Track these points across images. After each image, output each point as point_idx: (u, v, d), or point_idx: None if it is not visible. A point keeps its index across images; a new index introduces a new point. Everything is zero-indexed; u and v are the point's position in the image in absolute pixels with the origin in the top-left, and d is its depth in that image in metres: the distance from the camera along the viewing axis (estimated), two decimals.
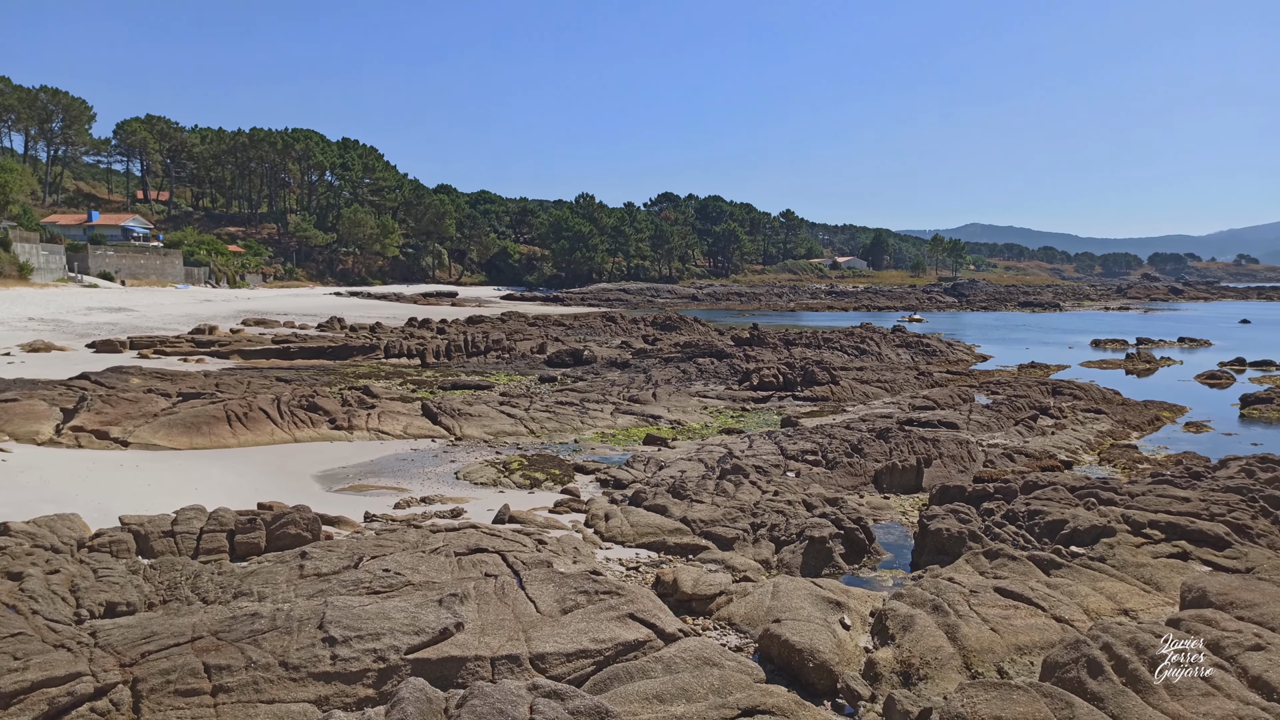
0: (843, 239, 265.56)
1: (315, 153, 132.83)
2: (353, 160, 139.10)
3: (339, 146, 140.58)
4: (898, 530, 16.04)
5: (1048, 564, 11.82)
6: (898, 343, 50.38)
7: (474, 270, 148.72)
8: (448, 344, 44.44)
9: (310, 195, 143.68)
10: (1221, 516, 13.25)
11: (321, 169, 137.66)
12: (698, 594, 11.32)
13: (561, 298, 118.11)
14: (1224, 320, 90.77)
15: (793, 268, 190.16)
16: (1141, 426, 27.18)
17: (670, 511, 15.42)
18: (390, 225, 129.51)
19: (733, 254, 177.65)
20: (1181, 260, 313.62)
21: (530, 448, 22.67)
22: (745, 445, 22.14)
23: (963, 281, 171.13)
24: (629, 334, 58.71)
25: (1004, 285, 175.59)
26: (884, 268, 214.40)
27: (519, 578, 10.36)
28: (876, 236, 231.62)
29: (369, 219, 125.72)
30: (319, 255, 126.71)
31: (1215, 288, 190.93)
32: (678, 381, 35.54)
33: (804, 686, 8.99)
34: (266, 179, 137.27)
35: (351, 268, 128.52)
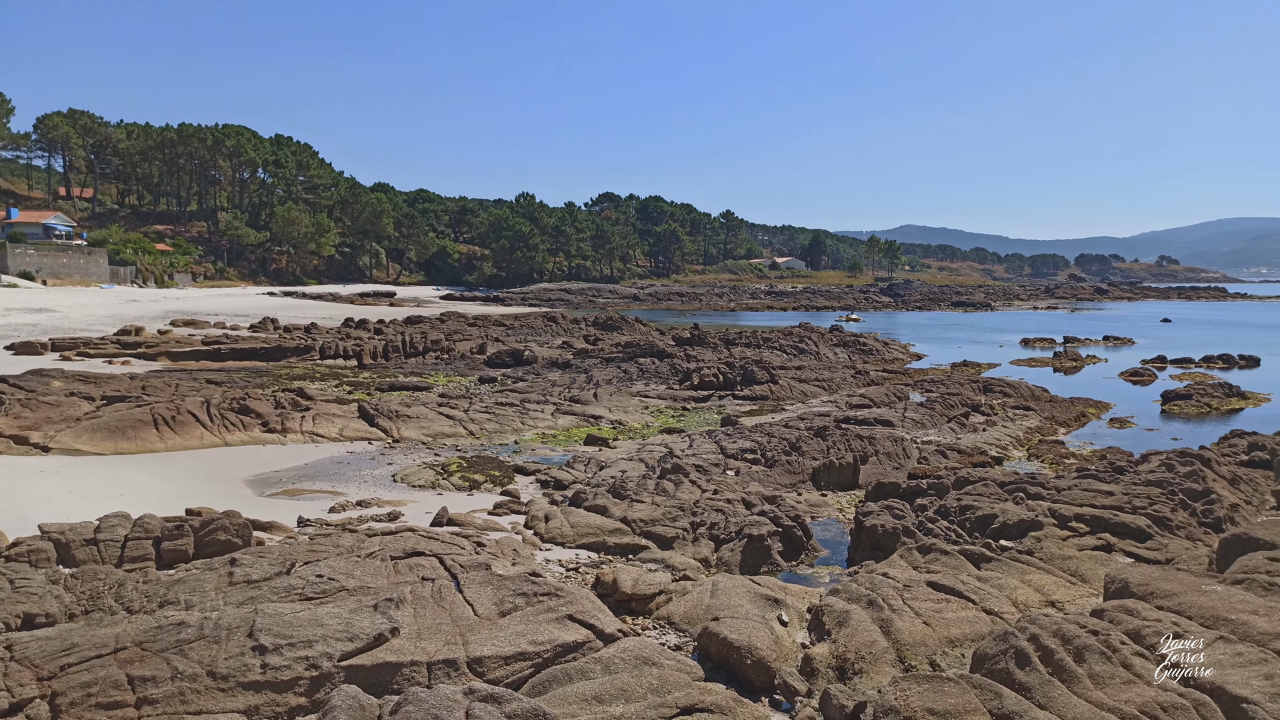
0: (782, 240, 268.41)
1: (247, 149, 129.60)
2: (286, 157, 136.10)
3: (272, 143, 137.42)
4: (835, 527, 16.26)
5: (978, 558, 12.10)
6: (835, 342, 51.12)
7: (412, 270, 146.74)
8: (385, 345, 43.78)
9: (242, 193, 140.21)
10: (1143, 509, 13.74)
11: (254, 166, 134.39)
12: (637, 594, 11.33)
13: (502, 298, 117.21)
14: (1146, 319, 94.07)
15: (733, 268, 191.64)
16: (1068, 423, 28.01)
17: (610, 512, 15.41)
18: (326, 224, 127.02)
19: (674, 254, 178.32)
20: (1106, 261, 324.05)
21: (469, 449, 22.45)
22: (686, 445, 22.24)
23: (898, 282, 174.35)
24: (570, 334, 58.55)
25: (938, 285, 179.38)
26: (822, 268, 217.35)
27: (457, 581, 10.25)
28: (815, 237, 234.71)
29: (303, 217, 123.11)
30: (252, 254, 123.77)
31: (1138, 288, 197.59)
32: (619, 381, 35.55)
33: (742, 683, 9.05)
34: (196, 176, 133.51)
35: (286, 267, 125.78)
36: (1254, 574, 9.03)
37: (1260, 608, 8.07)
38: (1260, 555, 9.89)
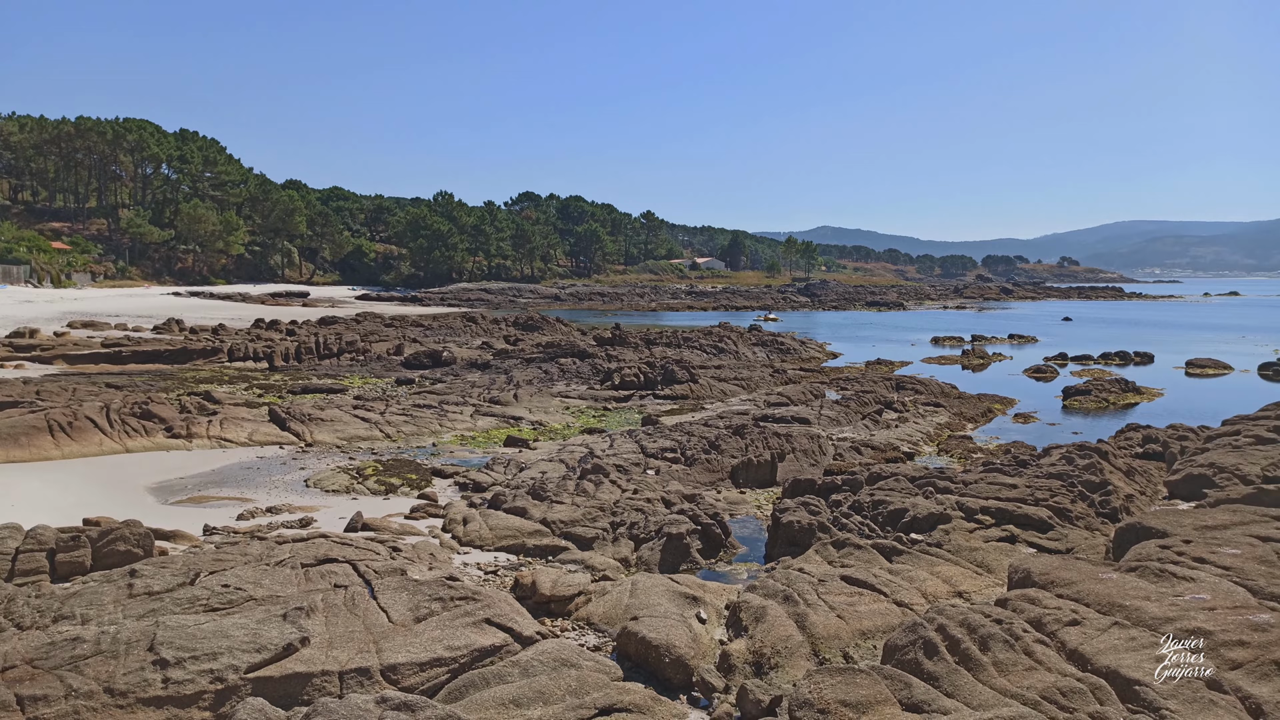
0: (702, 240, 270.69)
1: (150, 144, 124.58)
2: (192, 153, 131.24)
3: (176, 138, 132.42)
4: (753, 524, 16.48)
5: (890, 551, 12.41)
6: (754, 341, 51.81)
7: (327, 270, 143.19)
8: (298, 346, 42.62)
9: (145, 189, 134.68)
10: (1045, 501, 14.28)
11: (157, 161, 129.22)
12: (557, 595, 11.28)
13: (420, 298, 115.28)
14: (1049, 318, 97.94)
15: (654, 268, 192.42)
16: (976, 418, 28.96)
17: (530, 513, 15.30)
18: (234, 222, 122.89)
19: (595, 254, 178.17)
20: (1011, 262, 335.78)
21: (386, 452, 22.03)
22: (606, 445, 22.24)
23: (815, 282, 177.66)
24: (490, 334, 57.97)
25: (853, 285, 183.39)
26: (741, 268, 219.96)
27: (370, 587, 10.05)
28: (734, 238, 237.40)
29: (210, 215, 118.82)
30: (155, 253, 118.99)
31: (1041, 288, 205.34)
32: (540, 382, 35.35)
33: (661, 682, 9.09)
34: (95, 171, 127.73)
35: (192, 266, 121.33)
36: (1146, 561, 9.47)
37: (1152, 593, 8.46)
38: (1152, 543, 10.38)
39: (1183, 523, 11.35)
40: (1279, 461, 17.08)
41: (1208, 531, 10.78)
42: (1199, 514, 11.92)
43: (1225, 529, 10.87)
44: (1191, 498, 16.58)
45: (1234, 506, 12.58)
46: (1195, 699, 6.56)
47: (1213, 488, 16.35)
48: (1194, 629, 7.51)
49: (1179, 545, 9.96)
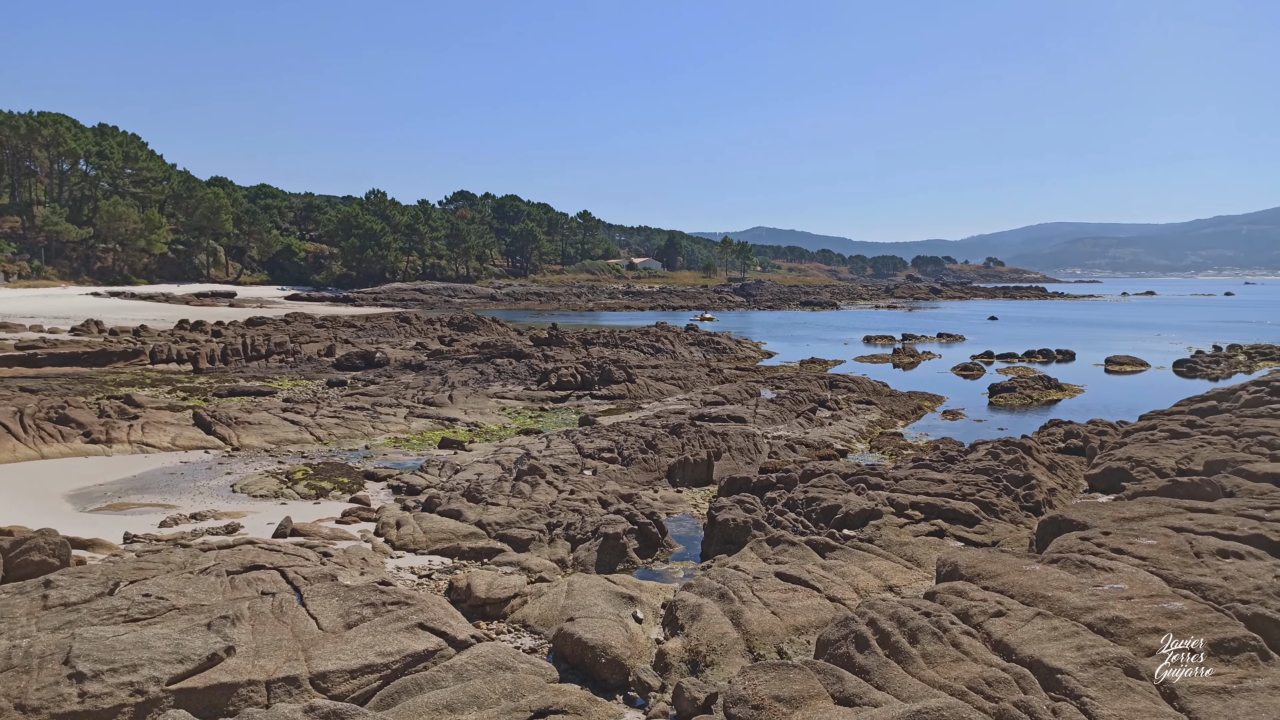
0: (638, 240, 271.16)
1: (66, 139, 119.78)
2: (111, 148, 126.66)
3: (95, 133, 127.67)
4: (689, 523, 16.56)
5: (823, 547, 12.59)
6: (691, 341, 52.11)
7: (255, 269, 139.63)
8: (224, 348, 41.46)
9: (62, 186, 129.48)
10: (972, 496, 14.65)
11: (74, 157, 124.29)
12: (492, 598, 11.17)
13: (352, 298, 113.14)
14: (976, 317, 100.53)
15: (591, 268, 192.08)
16: (906, 415, 29.57)
17: (465, 515, 15.13)
18: (157, 220, 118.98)
19: (531, 254, 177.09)
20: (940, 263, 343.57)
21: (317, 456, 21.58)
22: (543, 445, 22.13)
23: (750, 282, 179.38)
24: (425, 335, 57.21)
25: (787, 285, 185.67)
26: (678, 268, 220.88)
27: (300, 594, 9.82)
28: (670, 238, 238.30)
29: (131, 213, 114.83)
30: (73, 252, 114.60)
31: (969, 288, 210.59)
32: (475, 383, 35.01)
33: (597, 683, 9.07)
34: (8, 167, 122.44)
35: (112, 265, 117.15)
36: (1068, 553, 9.76)
37: (1073, 584, 8.73)
38: (1073, 535, 10.72)
39: (1102, 515, 11.74)
40: (1192, 455, 17.80)
41: (1125, 523, 11.16)
42: (1117, 506, 12.34)
43: (1142, 520, 11.28)
44: (1110, 490, 17.18)
45: (1150, 499, 13.05)
46: (1114, 685, 6.79)
47: (1130, 481, 16.96)
48: (1112, 618, 7.77)
49: (1098, 537, 10.30)
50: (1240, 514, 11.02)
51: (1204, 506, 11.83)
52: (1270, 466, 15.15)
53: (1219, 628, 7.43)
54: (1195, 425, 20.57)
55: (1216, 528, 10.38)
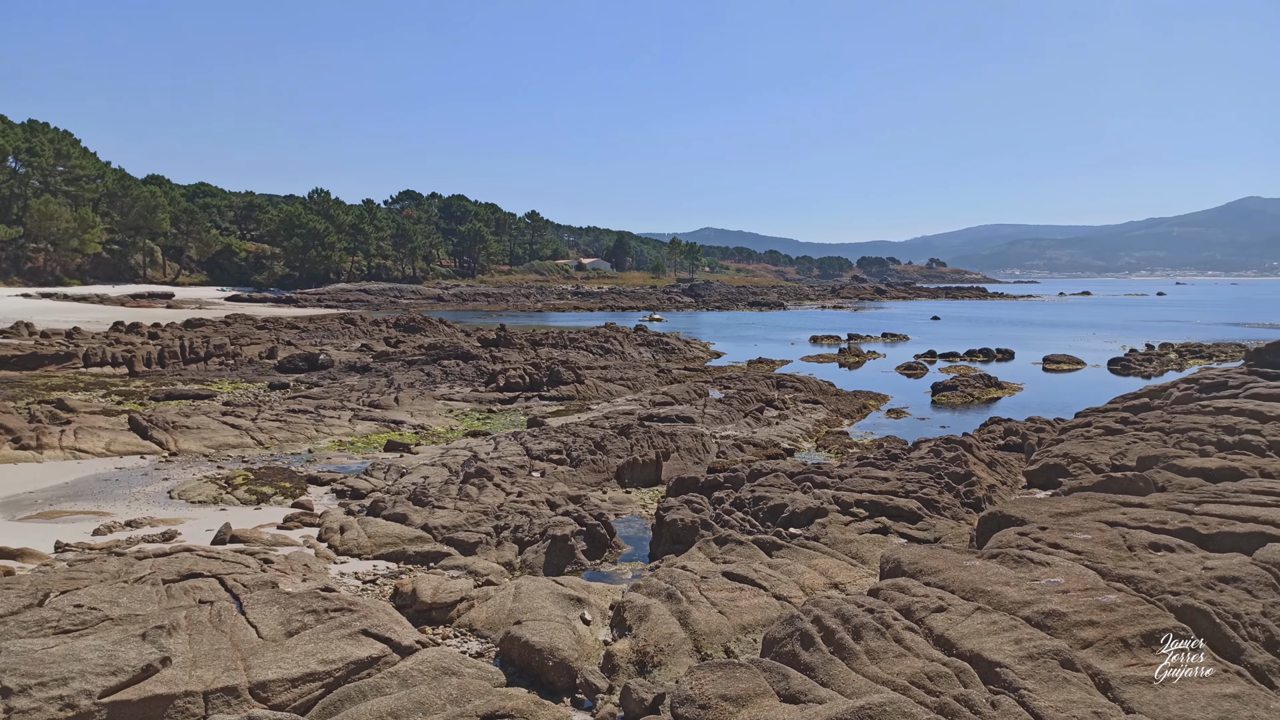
0: (587, 241, 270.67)
1: None
2: (42, 145, 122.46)
3: (24, 129, 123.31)
4: (638, 523, 16.57)
5: (770, 546, 12.68)
6: (640, 342, 52.17)
7: (194, 270, 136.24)
8: (161, 350, 40.41)
9: None
10: (914, 493, 14.89)
11: (3, 154, 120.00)
12: (438, 602, 11.05)
13: (295, 299, 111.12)
14: (919, 317, 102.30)
15: (539, 268, 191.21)
16: (852, 414, 29.97)
17: (411, 519, 14.95)
18: (91, 219, 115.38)
19: (479, 254, 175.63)
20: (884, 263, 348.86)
21: (258, 460, 21.13)
22: (491, 447, 21.97)
23: (699, 283, 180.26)
24: (370, 336, 56.41)
25: (735, 286, 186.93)
26: (627, 269, 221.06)
27: (239, 602, 9.60)
28: (619, 239, 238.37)
29: (64, 211, 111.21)
30: (2, 252, 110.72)
31: (912, 288, 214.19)
32: (422, 385, 34.62)
33: (545, 686, 9.02)
34: None
35: (44, 266, 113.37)
36: (1006, 548, 9.97)
37: (1011, 579, 8.92)
38: (1012, 531, 10.95)
39: (1039, 510, 12.01)
40: (1126, 451, 18.33)
41: (1062, 518, 11.44)
42: (1054, 502, 12.64)
43: (1078, 515, 11.56)
44: (1048, 486, 17.60)
45: (1085, 494, 13.41)
46: (1050, 678, 6.95)
47: (1067, 476, 17.40)
48: (1049, 611, 7.95)
49: (1036, 532, 10.54)
50: (1171, 508, 11.36)
51: (1137, 501, 12.18)
52: (1200, 462, 15.66)
53: (1150, 619, 7.65)
54: (1129, 422, 21.16)
55: (1148, 522, 10.69)
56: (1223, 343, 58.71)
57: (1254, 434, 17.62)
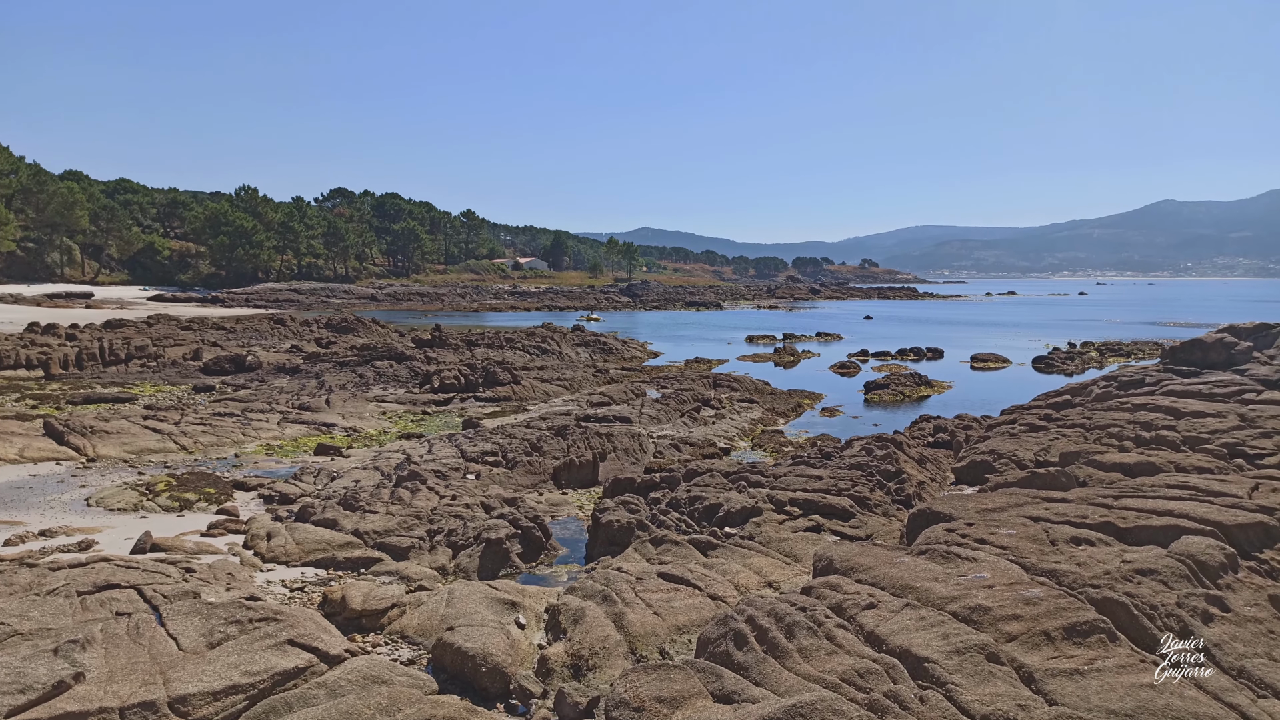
0: (524, 240, 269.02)
1: None
2: None
3: None
4: (574, 525, 16.49)
5: (706, 546, 12.73)
6: (577, 342, 52.01)
7: (114, 269, 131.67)
8: (79, 352, 38.92)
9: None
10: (847, 491, 15.09)
11: None
12: (368, 609, 10.82)
13: (222, 299, 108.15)
14: (853, 316, 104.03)
15: (475, 268, 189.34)
16: (787, 413, 30.30)
17: (341, 525, 14.64)
18: (3, 215, 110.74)
19: (413, 253, 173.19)
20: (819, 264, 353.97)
21: (181, 466, 20.48)
22: (425, 450, 21.66)
23: (636, 282, 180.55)
24: (300, 337, 55.19)
25: (673, 286, 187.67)
26: (564, 269, 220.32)
27: (158, 613, 9.27)
28: (556, 238, 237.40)
29: None
30: None
31: (846, 288, 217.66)
32: (354, 386, 33.98)
33: (478, 692, 8.91)
34: None
35: None
36: (935, 544, 10.16)
37: (939, 575, 9.08)
38: (940, 527, 11.15)
39: (966, 507, 12.27)
40: (1049, 447, 18.85)
41: (988, 514, 11.70)
42: (981, 498, 12.93)
43: (1003, 511, 11.84)
44: (975, 482, 18.01)
45: (1010, 490, 13.74)
46: (976, 672, 7.09)
47: (993, 473, 17.83)
48: (975, 606, 8.12)
49: (963, 528, 10.75)
50: (1091, 503, 11.70)
51: (1059, 496, 12.52)
52: (1119, 457, 16.18)
53: (1072, 612, 7.86)
54: (1051, 419, 21.78)
55: (1070, 516, 10.99)
56: (1140, 341, 60.96)
57: (1169, 430, 18.30)
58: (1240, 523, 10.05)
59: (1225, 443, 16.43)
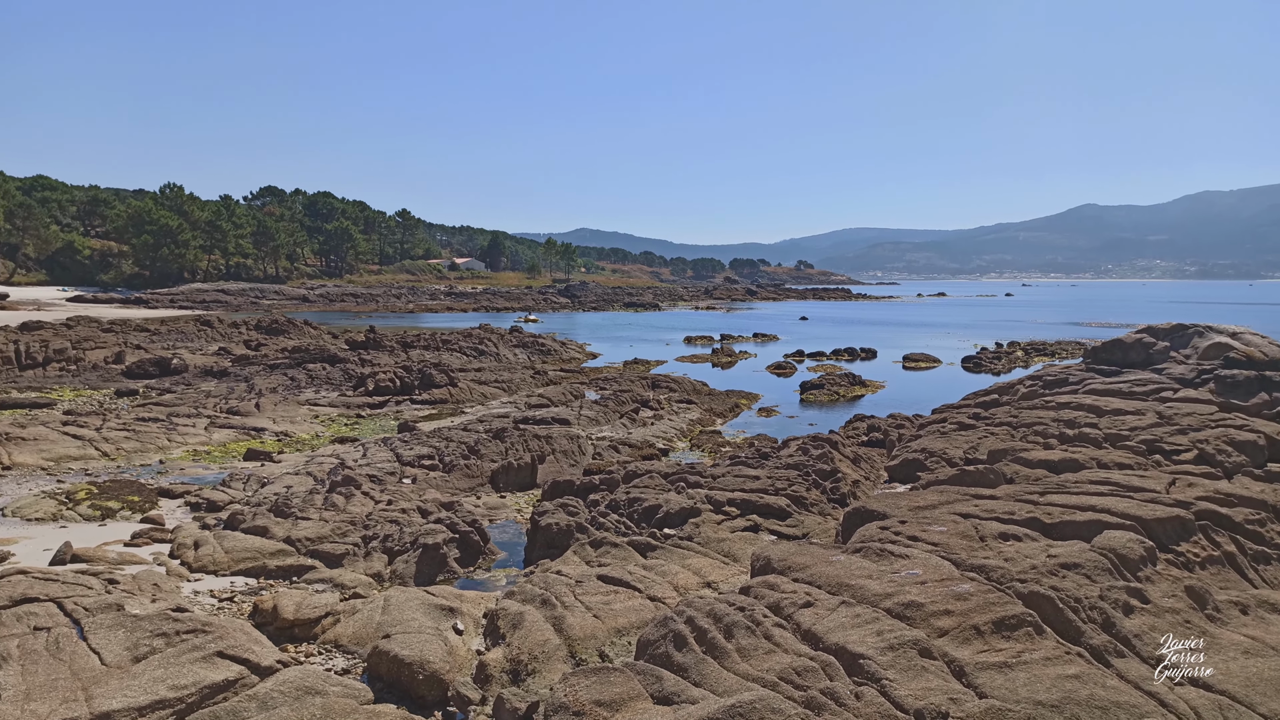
0: (461, 240, 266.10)
1: None
2: None
3: None
4: (513, 528, 16.38)
5: (645, 547, 12.76)
6: (515, 343, 51.68)
7: (31, 268, 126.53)
8: None
9: None
10: (784, 490, 15.27)
11: None
12: (301, 618, 10.59)
13: (146, 299, 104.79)
14: (788, 317, 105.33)
15: (411, 268, 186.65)
16: (725, 413, 30.54)
17: (272, 532, 14.30)
18: None
19: (346, 253, 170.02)
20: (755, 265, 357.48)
21: (103, 473, 19.79)
22: (359, 454, 21.29)
23: (575, 283, 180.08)
24: (228, 339, 53.74)
25: (611, 287, 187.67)
26: (501, 269, 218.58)
27: (80, 627, 8.94)
28: (494, 238, 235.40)
29: None
30: None
31: (782, 289, 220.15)
32: (285, 390, 33.24)
33: (415, 700, 8.79)
34: None
35: None
36: (869, 542, 10.34)
37: (874, 572, 9.25)
38: (874, 525, 11.36)
39: (899, 504, 12.52)
40: (977, 445, 19.34)
41: (920, 511, 11.95)
42: (913, 496, 13.21)
43: (934, 508, 12.11)
44: (908, 480, 18.39)
45: (941, 487, 14.07)
46: (910, 667, 7.24)
47: (925, 471, 18.22)
48: (908, 602, 8.29)
49: (896, 526, 10.97)
50: (1018, 499, 12.05)
51: (987, 493, 12.86)
52: (1044, 454, 16.68)
53: (1001, 606, 8.08)
54: (980, 417, 22.35)
55: (998, 513, 11.29)
56: (1064, 341, 62.92)
57: (1092, 427, 18.93)
58: (1158, 517, 10.45)
59: (1144, 440, 17.05)
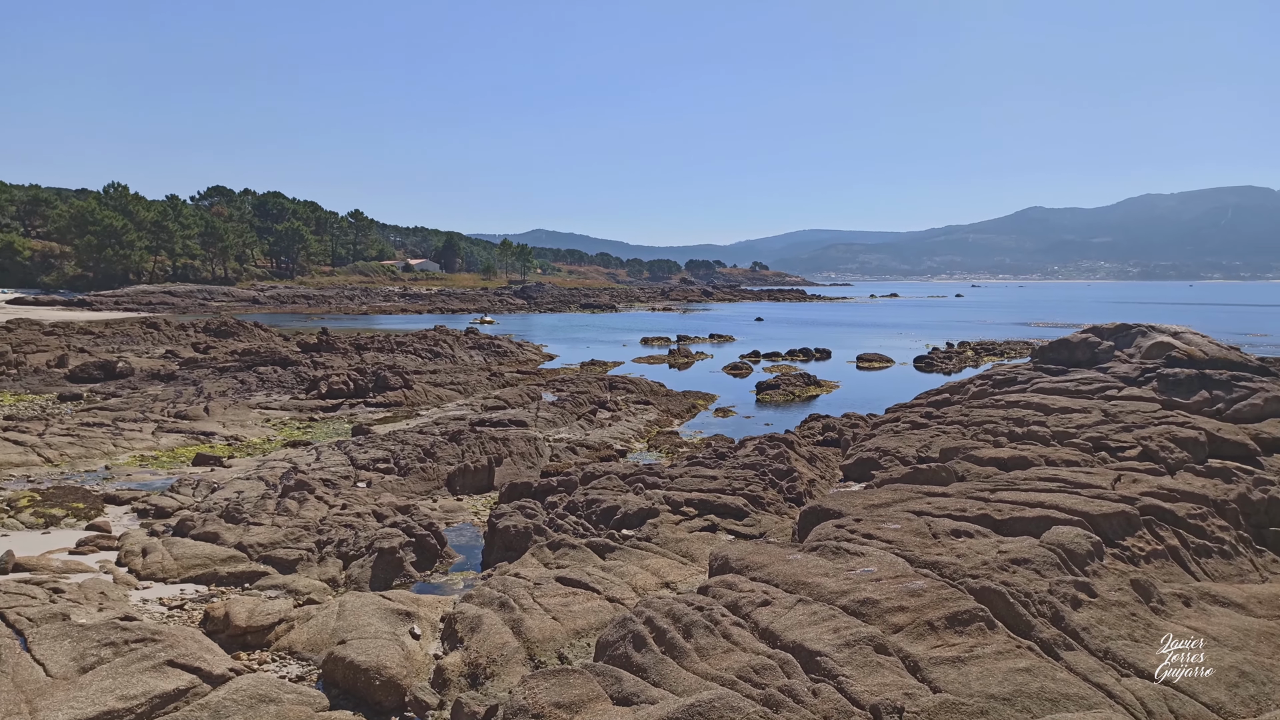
0: (415, 241, 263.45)
1: None
2: None
3: None
4: (470, 531, 16.27)
5: (603, 549, 12.76)
6: (471, 345, 51.33)
7: None
8: None
9: None
10: (741, 490, 15.38)
11: None
12: (253, 625, 10.42)
13: (89, 301, 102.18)
14: (744, 318, 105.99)
15: (364, 269, 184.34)
16: (682, 414, 30.65)
17: (223, 538, 14.05)
18: None
19: (298, 254, 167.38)
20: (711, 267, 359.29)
21: (46, 479, 19.26)
22: (312, 458, 21.00)
23: (531, 284, 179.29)
24: (176, 342, 52.64)
25: (568, 288, 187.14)
26: (456, 270, 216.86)
27: (23, 638, 8.70)
28: (448, 240, 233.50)
29: None
30: None
31: (737, 290, 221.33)
32: (235, 393, 32.64)
33: (371, 706, 8.70)
34: None
35: None
36: (825, 541, 10.47)
37: (830, 570, 9.36)
38: (830, 524, 11.50)
39: (855, 503, 12.69)
40: (930, 443, 19.66)
41: (874, 510, 12.13)
42: (868, 494, 13.39)
43: (889, 506, 12.30)
44: (862, 479, 18.63)
45: (895, 485, 14.28)
46: (865, 663, 7.34)
47: (879, 469, 18.48)
48: (864, 599, 8.41)
49: (851, 524, 11.11)
50: (969, 496, 12.28)
51: (940, 491, 13.08)
52: (994, 452, 17.01)
53: (953, 602, 8.23)
54: (932, 416, 22.73)
55: (950, 510, 11.50)
56: (1013, 341, 64.17)
57: (1040, 425, 19.35)
58: (1105, 512, 10.72)
59: (1090, 437, 17.47)
